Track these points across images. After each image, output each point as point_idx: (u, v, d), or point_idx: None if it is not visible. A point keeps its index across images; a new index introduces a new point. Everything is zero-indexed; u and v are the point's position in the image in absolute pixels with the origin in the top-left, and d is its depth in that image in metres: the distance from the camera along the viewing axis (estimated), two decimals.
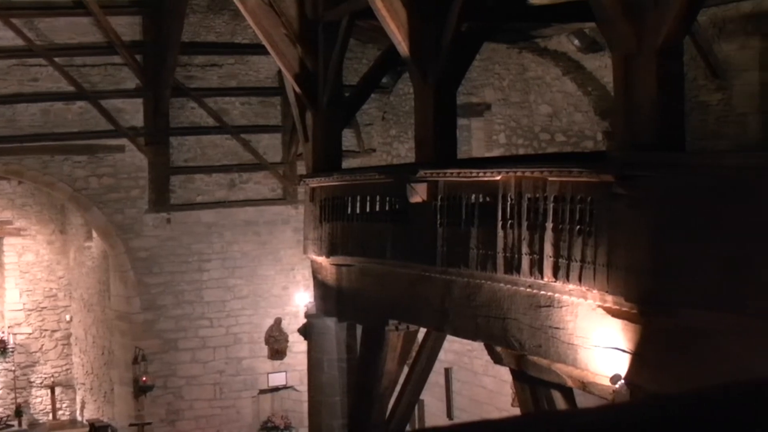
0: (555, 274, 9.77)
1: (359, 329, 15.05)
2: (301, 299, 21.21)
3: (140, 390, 22.05)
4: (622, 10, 9.12)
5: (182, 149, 22.56)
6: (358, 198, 14.03)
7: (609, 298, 9.16)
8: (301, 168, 19.92)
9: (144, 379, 22.01)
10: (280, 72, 20.42)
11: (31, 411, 28.42)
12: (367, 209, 13.83)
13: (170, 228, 22.50)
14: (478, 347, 16.24)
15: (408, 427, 16.03)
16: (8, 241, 28.66)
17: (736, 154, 11.56)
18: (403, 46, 13.03)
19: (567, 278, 9.61)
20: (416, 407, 17.50)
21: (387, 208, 13.31)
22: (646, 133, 9.09)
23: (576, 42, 17.81)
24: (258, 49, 19.75)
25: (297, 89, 16.06)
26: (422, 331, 14.80)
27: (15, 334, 28.27)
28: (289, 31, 15.83)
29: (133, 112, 21.92)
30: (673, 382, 8.56)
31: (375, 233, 13.45)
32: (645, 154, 9.01)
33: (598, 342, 9.52)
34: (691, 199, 8.40)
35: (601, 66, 17.29)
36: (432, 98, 12.88)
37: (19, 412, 27.55)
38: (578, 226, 9.43)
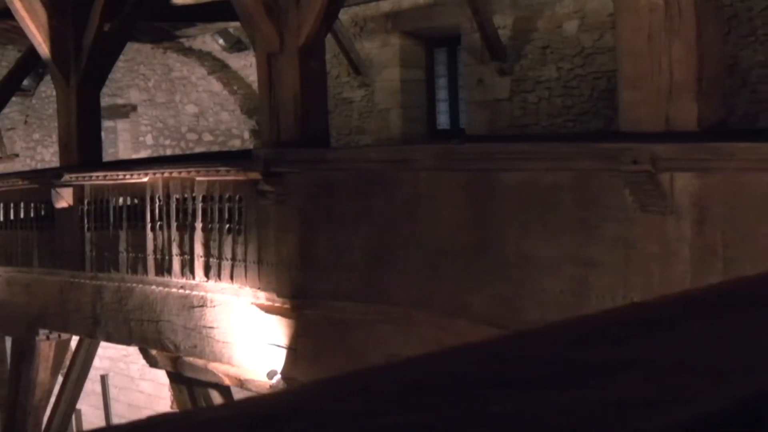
0: (207, 274, 9.81)
1: (9, 341, 14.58)
2: None
3: None
4: (264, 9, 9.24)
5: None
6: (2, 205, 13.57)
7: (261, 294, 9.27)
8: None
9: None
10: None
11: None
12: (12, 216, 13.41)
13: None
14: (133, 352, 16.00)
15: None
16: None
17: (378, 149, 11.95)
18: (43, 48, 12.71)
19: (219, 277, 9.67)
20: (73, 417, 17.10)
21: (32, 214, 12.95)
22: (291, 131, 9.24)
23: (221, 41, 17.88)
24: None
25: None
26: (75, 339, 14.48)
27: None
28: None
29: None
30: (327, 372, 8.71)
31: (20, 241, 13.06)
32: (290, 151, 9.16)
33: (253, 339, 9.59)
34: (335, 194, 8.61)
35: (246, 65, 17.43)
36: (75, 100, 12.64)
37: None
38: (228, 225, 9.51)
